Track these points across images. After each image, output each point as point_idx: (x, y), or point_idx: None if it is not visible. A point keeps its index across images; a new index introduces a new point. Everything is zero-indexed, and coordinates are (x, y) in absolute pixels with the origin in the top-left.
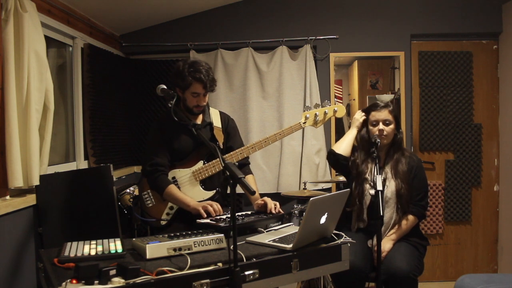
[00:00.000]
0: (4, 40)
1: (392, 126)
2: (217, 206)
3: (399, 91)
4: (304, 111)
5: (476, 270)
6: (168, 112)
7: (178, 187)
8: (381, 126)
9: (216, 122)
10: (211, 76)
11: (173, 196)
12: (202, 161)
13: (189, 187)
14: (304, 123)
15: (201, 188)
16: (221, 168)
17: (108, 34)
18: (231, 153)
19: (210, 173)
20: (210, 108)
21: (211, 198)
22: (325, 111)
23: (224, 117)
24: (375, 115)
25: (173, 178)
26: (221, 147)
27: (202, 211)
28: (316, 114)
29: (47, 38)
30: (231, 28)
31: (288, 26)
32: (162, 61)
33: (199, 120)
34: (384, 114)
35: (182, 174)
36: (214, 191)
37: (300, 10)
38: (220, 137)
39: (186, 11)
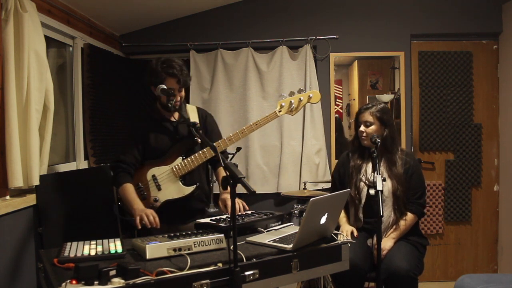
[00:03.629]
0: (4, 40)
1: (373, 127)
2: (153, 218)
3: (399, 91)
4: (280, 99)
5: (476, 270)
6: (146, 114)
7: (158, 184)
8: (361, 128)
9: (194, 118)
10: (185, 71)
11: (125, 195)
12: (181, 157)
13: (169, 183)
14: (280, 111)
15: (181, 184)
16: (200, 163)
17: (108, 34)
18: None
19: (189, 168)
20: (187, 104)
21: (192, 193)
22: (300, 98)
23: (201, 112)
24: (359, 117)
25: (153, 176)
26: (199, 142)
27: (138, 222)
28: (291, 101)
29: (47, 38)
30: (231, 28)
31: (288, 26)
32: None
33: (175, 118)
34: (364, 116)
35: (161, 171)
36: (195, 186)
37: (300, 10)
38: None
39: (186, 11)
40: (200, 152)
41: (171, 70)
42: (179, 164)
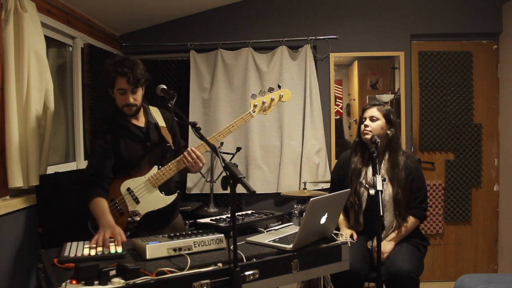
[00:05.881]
0: (4, 40)
1: (379, 122)
2: (107, 241)
3: (399, 91)
4: (252, 99)
5: (476, 270)
6: (110, 118)
7: (136, 197)
8: (366, 122)
9: (160, 121)
10: (139, 71)
11: (94, 210)
12: (156, 166)
13: (147, 194)
14: (254, 111)
15: (161, 194)
16: (178, 170)
17: (108, 34)
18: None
19: (168, 177)
20: (150, 107)
21: (174, 202)
22: (272, 97)
23: (166, 115)
24: (365, 113)
25: (128, 189)
26: (173, 147)
27: (93, 241)
28: (263, 101)
29: (47, 38)
30: (231, 28)
31: (288, 26)
32: (162, 61)
33: (142, 123)
34: (371, 111)
35: (137, 183)
36: (176, 194)
37: (300, 10)
38: (168, 137)
39: (186, 11)
40: (178, 158)
41: (121, 69)
42: (156, 174)
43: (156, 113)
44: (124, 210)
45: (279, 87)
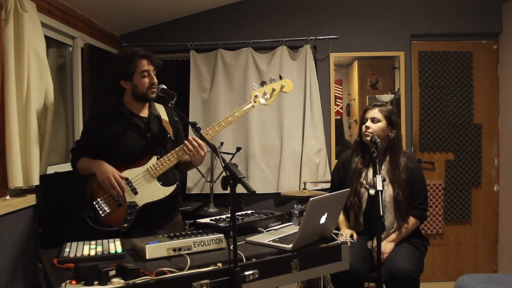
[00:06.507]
0: (4, 40)
1: (380, 124)
2: (119, 185)
3: (399, 91)
4: (252, 90)
5: (476, 270)
6: (111, 109)
7: (134, 188)
8: (367, 123)
9: (163, 115)
10: (154, 54)
11: (83, 166)
12: (155, 157)
13: (145, 186)
14: (255, 101)
15: (160, 185)
16: (178, 161)
17: (108, 34)
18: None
19: (167, 167)
20: (155, 103)
21: (173, 193)
22: (273, 88)
23: (170, 112)
24: (366, 114)
25: (126, 179)
26: (173, 138)
27: (110, 188)
28: (265, 91)
29: (47, 38)
30: (231, 28)
31: (288, 26)
32: (162, 61)
33: (145, 114)
34: (372, 112)
35: (135, 173)
36: (175, 185)
37: (300, 10)
38: (169, 130)
39: (186, 11)
40: (177, 149)
41: (141, 52)
42: (156, 164)
43: (160, 108)
44: (122, 201)
45: (281, 77)
